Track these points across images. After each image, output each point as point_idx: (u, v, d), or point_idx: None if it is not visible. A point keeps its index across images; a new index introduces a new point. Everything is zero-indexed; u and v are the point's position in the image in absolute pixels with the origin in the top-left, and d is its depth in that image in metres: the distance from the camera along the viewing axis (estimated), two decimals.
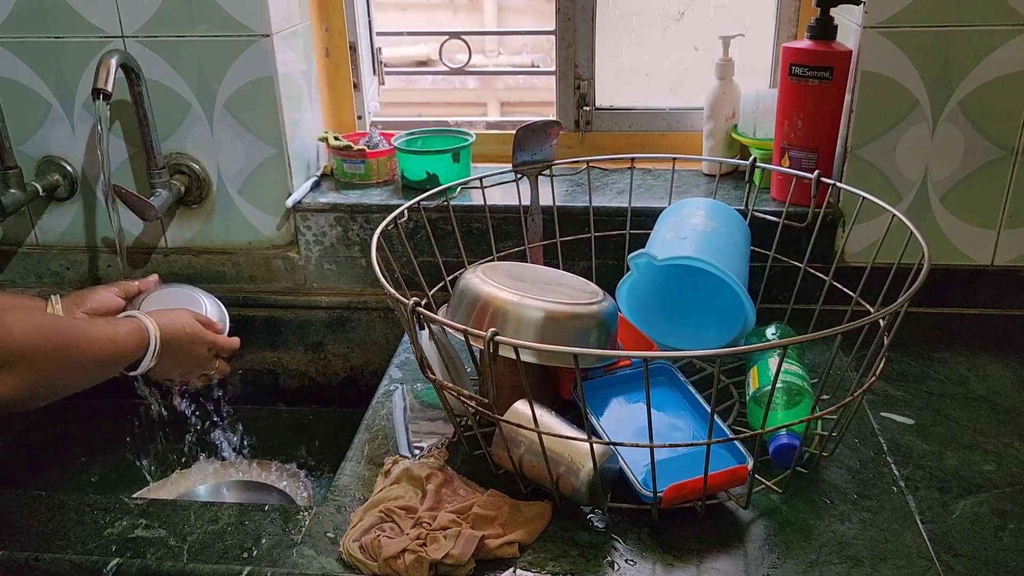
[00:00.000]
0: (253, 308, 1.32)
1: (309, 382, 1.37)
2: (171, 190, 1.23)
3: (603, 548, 0.79)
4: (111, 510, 0.86)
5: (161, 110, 1.22)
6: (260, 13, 1.16)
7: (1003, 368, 1.07)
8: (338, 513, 0.84)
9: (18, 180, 1.23)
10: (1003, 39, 1.07)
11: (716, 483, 0.79)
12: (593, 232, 1.17)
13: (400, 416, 1.01)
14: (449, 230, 1.19)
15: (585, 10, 1.34)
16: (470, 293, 0.89)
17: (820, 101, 1.13)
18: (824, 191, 1.08)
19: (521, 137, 1.10)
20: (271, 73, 1.19)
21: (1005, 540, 0.79)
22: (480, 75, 2.35)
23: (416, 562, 0.74)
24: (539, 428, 0.78)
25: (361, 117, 1.44)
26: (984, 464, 0.89)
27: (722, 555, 0.78)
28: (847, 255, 1.19)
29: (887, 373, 1.05)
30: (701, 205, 1.07)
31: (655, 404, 0.91)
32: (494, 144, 1.41)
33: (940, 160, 1.14)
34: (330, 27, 1.37)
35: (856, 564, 0.76)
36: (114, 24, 1.19)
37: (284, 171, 1.26)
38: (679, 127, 1.40)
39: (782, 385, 0.88)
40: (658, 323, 1.05)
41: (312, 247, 1.29)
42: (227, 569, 0.78)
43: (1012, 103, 1.10)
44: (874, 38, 1.09)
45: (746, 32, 1.31)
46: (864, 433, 0.95)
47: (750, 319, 0.97)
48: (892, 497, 0.85)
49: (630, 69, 1.40)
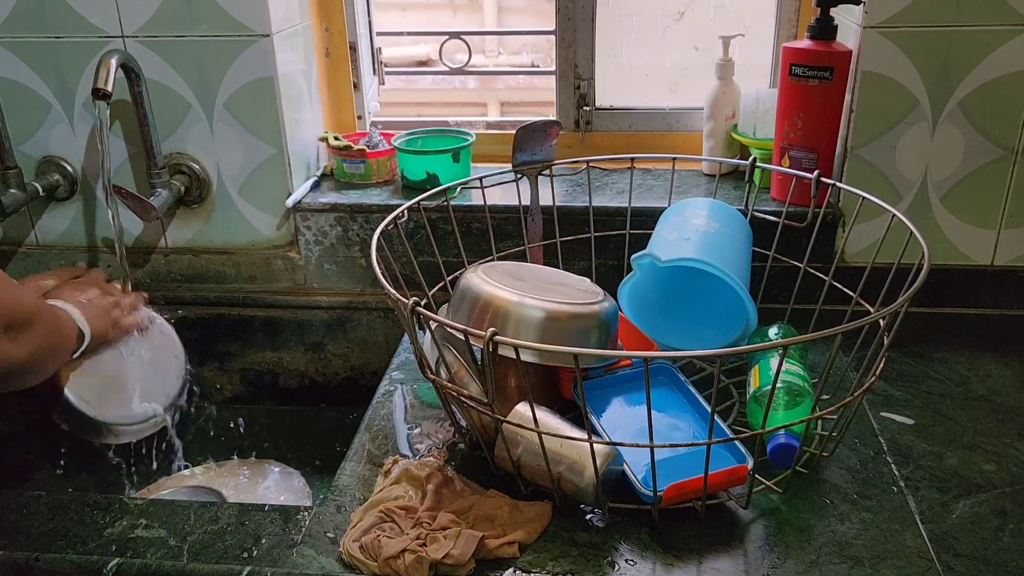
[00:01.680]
0: (253, 308, 1.32)
1: (309, 382, 1.37)
2: (171, 190, 1.23)
3: (603, 548, 0.79)
4: (111, 510, 0.86)
5: (161, 110, 1.22)
6: (260, 13, 1.16)
7: (1003, 368, 1.07)
8: (338, 513, 0.84)
9: (18, 180, 1.23)
10: (1003, 39, 1.07)
11: (716, 483, 0.79)
12: (593, 232, 1.17)
13: (400, 416, 1.01)
14: (449, 230, 1.19)
15: (585, 10, 1.34)
16: (471, 293, 0.89)
17: (820, 101, 1.13)
18: (824, 191, 1.08)
19: (521, 137, 1.10)
20: (271, 73, 1.20)
21: (1005, 540, 0.79)
22: (480, 75, 2.36)
23: (416, 562, 0.74)
24: (539, 428, 0.78)
25: (361, 117, 1.44)
26: (984, 464, 0.89)
27: (722, 555, 0.78)
28: (847, 255, 1.19)
29: (887, 373, 1.05)
30: (703, 205, 1.07)
31: (655, 404, 0.91)
32: (494, 144, 1.41)
33: (940, 160, 1.14)
34: (330, 27, 1.37)
35: (856, 564, 0.76)
36: (114, 24, 1.19)
37: (284, 171, 1.26)
38: (679, 127, 1.40)
39: (782, 385, 0.88)
40: (659, 323, 1.05)
41: (312, 247, 1.29)
42: (227, 569, 0.78)
43: (1012, 103, 1.10)
44: (874, 38, 1.09)
45: (746, 32, 1.31)
46: (864, 433, 0.95)
47: (752, 321, 0.97)
48: (892, 497, 0.85)
49: (630, 69, 1.40)
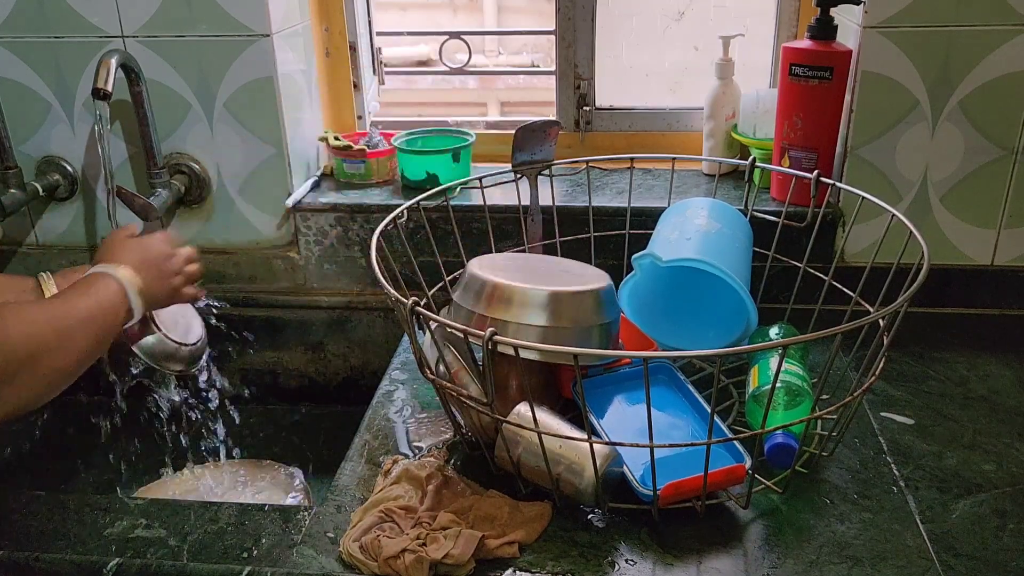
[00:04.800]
0: (253, 308, 1.32)
1: (309, 382, 1.37)
2: (171, 190, 1.23)
3: (603, 548, 0.79)
4: (111, 510, 0.86)
5: (161, 110, 1.22)
6: (260, 13, 1.16)
7: (1003, 368, 1.07)
8: (338, 513, 0.84)
9: (18, 180, 1.23)
10: (1003, 39, 1.07)
11: (714, 482, 0.79)
12: (593, 232, 1.17)
13: (400, 416, 1.01)
14: (449, 230, 1.19)
15: (585, 10, 1.34)
16: (477, 281, 0.89)
17: (820, 101, 1.13)
18: (824, 191, 1.08)
19: (521, 137, 1.10)
20: (271, 73, 1.19)
21: (1005, 540, 0.79)
22: (480, 75, 2.35)
23: (416, 562, 0.74)
24: (539, 428, 0.78)
25: (361, 117, 1.44)
26: (984, 464, 0.89)
27: (722, 555, 0.78)
28: (847, 255, 1.19)
29: (887, 373, 1.05)
30: (704, 205, 1.07)
31: (655, 403, 0.91)
32: (494, 144, 1.41)
33: (940, 160, 1.14)
34: (330, 27, 1.37)
35: (856, 564, 0.76)
36: (114, 24, 1.19)
37: (284, 171, 1.26)
38: (679, 127, 1.40)
39: (782, 385, 0.88)
40: (660, 323, 1.05)
41: (312, 247, 1.29)
42: (227, 569, 0.78)
43: (1012, 103, 1.10)
44: (874, 38, 1.09)
45: (746, 32, 1.31)
46: (864, 433, 0.95)
47: (752, 321, 0.96)
48: (892, 497, 0.85)
49: (630, 69, 1.40)
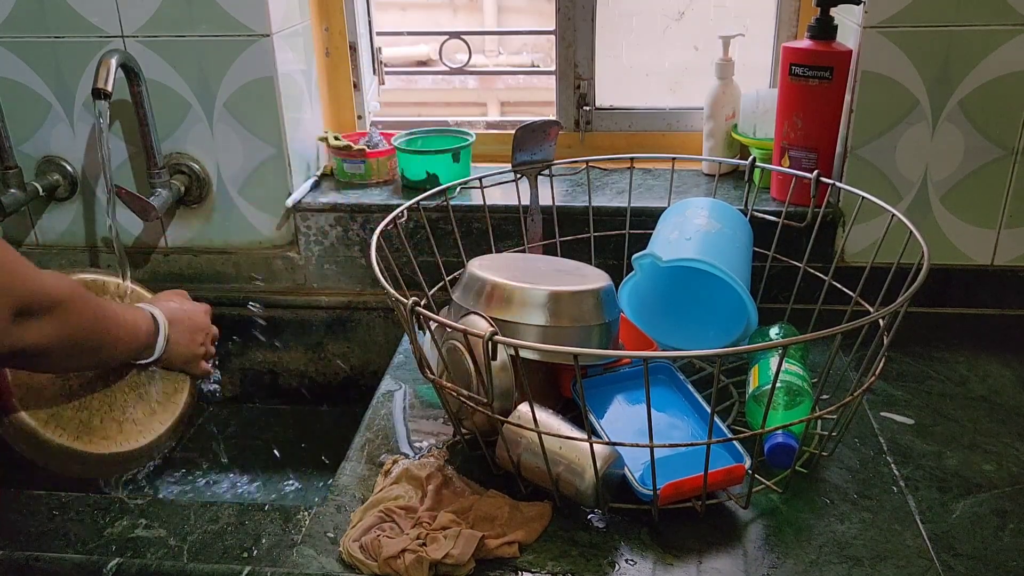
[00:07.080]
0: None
1: (309, 382, 1.37)
2: (171, 190, 1.24)
3: (603, 548, 0.79)
4: (111, 510, 0.86)
5: (161, 110, 1.22)
6: (260, 13, 1.16)
7: (1003, 368, 1.07)
8: (338, 513, 0.84)
9: (18, 180, 1.23)
10: (1003, 39, 1.07)
11: (714, 482, 0.79)
12: (592, 232, 1.17)
13: (400, 416, 1.01)
14: (449, 230, 1.19)
15: (585, 10, 1.34)
16: (477, 281, 0.89)
17: (820, 101, 1.13)
18: (824, 191, 1.08)
19: (520, 137, 1.10)
20: (271, 73, 1.20)
21: (1005, 540, 0.79)
22: (480, 75, 2.35)
23: (416, 562, 0.74)
24: (539, 428, 0.78)
25: (361, 117, 1.44)
26: (984, 464, 0.89)
27: (722, 555, 0.78)
28: (847, 255, 1.19)
29: (887, 373, 1.05)
30: (704, 205, 1.07)
31: (655, 403, 0.91)
32: (494, 144, 1.41)
33: (940, 160, 1.14)
34: (330, 27, 1.37)
35: (856, 564, 0.76)
36: (114, 24, 1.19)
37: (284, 171, 1.26)
38: (679, 127, 1.40)
39: (782, 385, 0.88)
40: (660, 323, 1.05)
41: (312, 247, 1.29)
42: (227, 569, 0.78)
43: (1012, 103, 1.10)
44: (874, 38, 1.09)
45: (746, 32, 1.31)
46: (864, 433, 0.95)
47: (752, 321, 0.96)
48: (892, 497, 0.85)
49: (630, 69, 1.40)
